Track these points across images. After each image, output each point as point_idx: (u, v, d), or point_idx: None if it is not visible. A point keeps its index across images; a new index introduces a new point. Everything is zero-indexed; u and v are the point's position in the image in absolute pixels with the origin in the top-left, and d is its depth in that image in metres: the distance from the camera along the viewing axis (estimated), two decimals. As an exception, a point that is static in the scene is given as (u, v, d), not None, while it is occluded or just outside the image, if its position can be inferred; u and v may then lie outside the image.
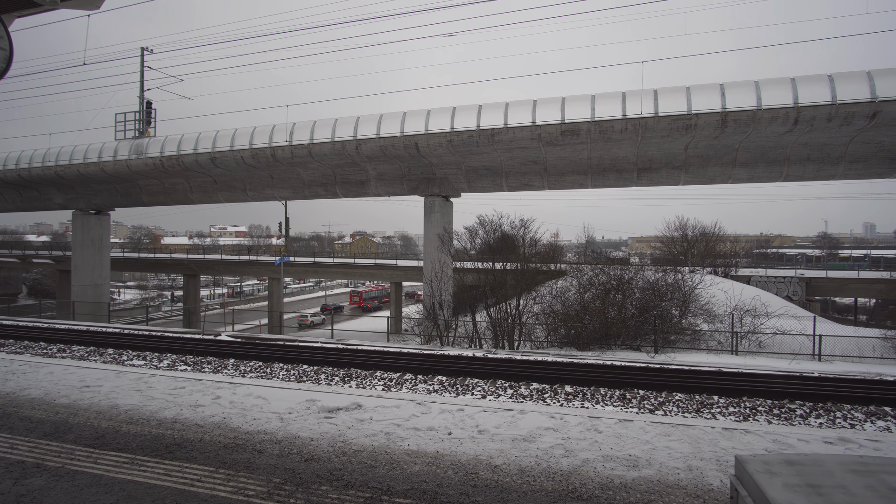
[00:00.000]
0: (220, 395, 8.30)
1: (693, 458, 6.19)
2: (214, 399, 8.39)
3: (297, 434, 6.88)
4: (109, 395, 8.66)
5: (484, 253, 23.53)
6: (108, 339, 18.86)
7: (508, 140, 27.73)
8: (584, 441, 6.76)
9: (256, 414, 7.68)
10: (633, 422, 7.54)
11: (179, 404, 8.08)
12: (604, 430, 7.20)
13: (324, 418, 7.54)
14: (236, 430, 7.08)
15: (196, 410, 7.72)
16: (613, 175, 29.76)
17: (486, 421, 7.65)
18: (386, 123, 29.08)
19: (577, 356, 16.14)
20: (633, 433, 7.06)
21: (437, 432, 7.08)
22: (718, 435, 6.93)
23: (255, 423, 7.34)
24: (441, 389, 12.57)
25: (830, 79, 23.77)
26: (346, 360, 15.51)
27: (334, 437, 6.81)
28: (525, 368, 14.20)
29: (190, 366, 15.36)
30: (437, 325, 20.25)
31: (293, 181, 34.10)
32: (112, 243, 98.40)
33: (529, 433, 7.06)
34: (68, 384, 9.29)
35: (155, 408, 7.86)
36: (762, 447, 6.44)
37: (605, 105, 26.75)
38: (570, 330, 19.54)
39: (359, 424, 7.39)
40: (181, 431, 6.97)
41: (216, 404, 8.05)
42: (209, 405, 8.01)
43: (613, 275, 20.90)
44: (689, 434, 6.91)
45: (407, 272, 51.56)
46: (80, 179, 37.50)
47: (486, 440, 6.80)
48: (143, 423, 7.29)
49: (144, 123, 36.31)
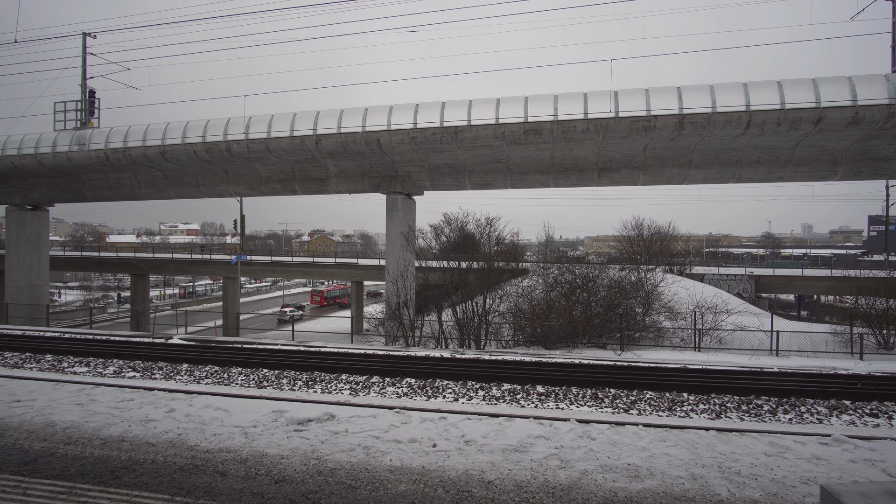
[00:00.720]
0: (174, 408, 7.41)
1: (694, 465, 5.93)
2: (168, 412, 7.48)
3: (265, 451, 6.15)
4: (44, 411, 7.63)
5: (449, 251, 23.09)
6: (47, 345, 17.34)
7: (472, 138, 27.37)
8: (578, 450, 6.38)
9: (217, 428, 6.85)
10: (625, 426, 7.17)
11: (128, 419, 7.13)
12: (597, 437, 6.82)
13: (294, 432, 6.83)
14: (194, 448, 6.28)
15: (147, 426, 6.82)
16: (575, 175, 29.89)
17: (471, 430, 7.12)
18: (347, 118, 28.18)
19: (546, 355, 15.94)
20: (627, 439, 6.71)
21: (420, 444, 6.51)
22: (714, 439, 6.69)
23: (216, 439, 6.54)
24: (411, 392, 12.04)
25: (779, 85, 24.54)
26: (308, 362, 14.74)
27: (307, 454, 6.13)
28: (495, 369, 13.85)
29: (139, 372, 14.22)
30: (401, 324, 19.67)
31: (249, 177, 32.67)
32: (52, 241, 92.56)
33: (520, 442, 6.59)
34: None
35: (98, 424, 6.88)
36: (761, 450, 6.23)
37: (568, 105, 26.76)
38: (536, 329, 19.36)
39: (333, 438, 6.70)
40: (129, 452, 6.11)
41: (170, 418, 7.15)
42: (162, 419, 7.12)
43: (579, 273, 20.89)
44: (684, 439, 6.63)
45: (368, 271, 50.54)
46: (15, 172, 34.76)
47: (474, 452, 6.29)
48: (84, 442, 6.35)
49: (87, 113, 33.93)
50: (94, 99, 34.66)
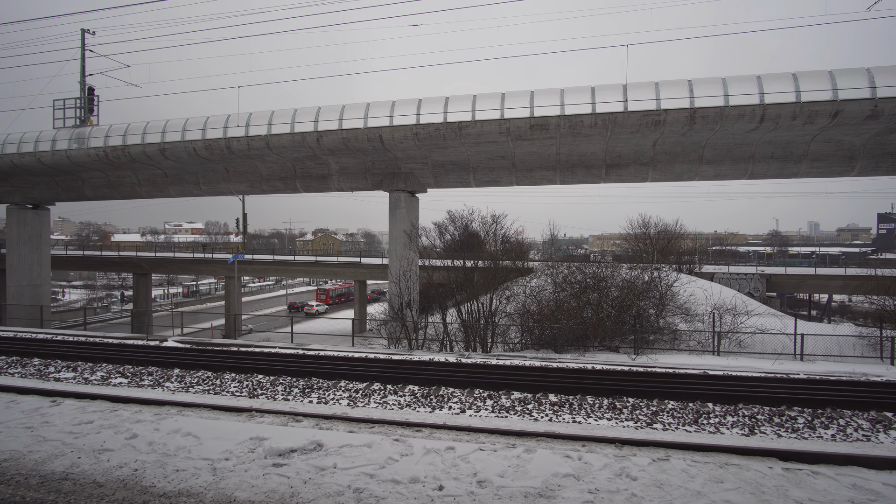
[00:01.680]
0: (136, 434, 6.22)
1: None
2: (129, 439, 6.33)
3: (234, 494, 5.04)
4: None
5: (453, 250, 22.11)
6: (35, 348, 16.44)
7: (476, 134, 26.41)
8: (618, 494, 5.04)
9: (181, 462, 5.68)
10: (669, 461, 5.84)
11: (79, 448, 5.96)
12: (639, 477, 5.40)
13: (272, 467, 5.67)
14: (149, 490, 5.14)
15: (99, 459, 5.64)
16: (582, 171, 28.89)
17: (485, 465, 5.83)
18: (349, 115, 27.25)
19: (556, 359, 14.94)
20: (675, 479, 5.29)
21: (423, 486, 5.31)
22: (782, 479, 5.26)
23: (178, 477, 5.40)
24: (414, 402, 11.06)
25: (795, 77, 23.43)
26: (306, 368, 13.79)
27: (284, 498, 5.02)
28: (503, 375, 12.86)
29: (127, 378, 13.30)
30: (404, 326, 18.71)
31: (250, 175, 31.79)
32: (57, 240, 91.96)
33: (545, 484, 5.27)
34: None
35: (43, 455, 5.73)
36: (845, 497, 5.07)
37: (575, 99, 25.78)
38: (544, 331, 18.38)
39: (318, 476, 5.53)
40: (70, 495, 4.94)
41: (129, 447, 6.00)
42: (120, 449, 5.96)
43: (590, 273, 19.86)
44: (745, 479, 5.36)
45: (371, 270, 49.52)
46: (15, 171, 33.98)
47: (490, 498, 5.13)
48: (18, 481, 5.20)
49: (86, 111, 33.17)
50: (93, 96, 33.91)
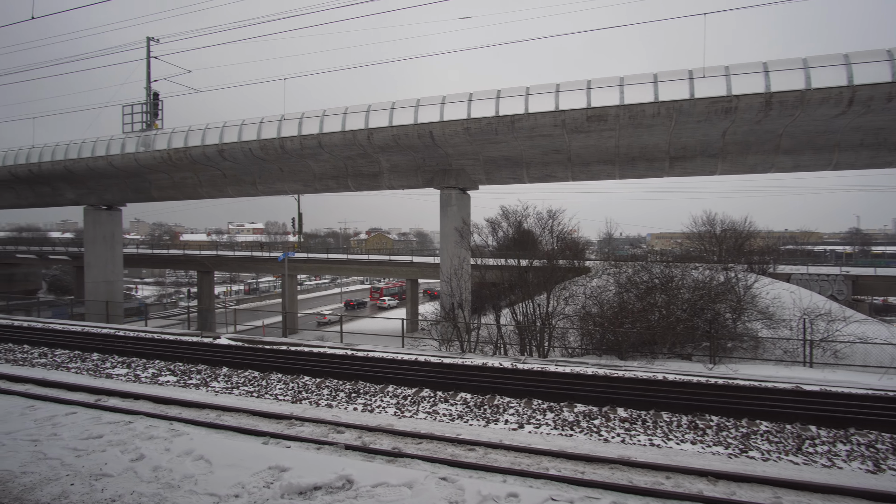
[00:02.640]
0: (144, 454, 5.33)
1: None
2: (134, 461, 5.45)
3: None
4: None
5: (507, 248, 20.87)
6: (98, 343, 16.57)
7: (530, 127, 25.04)
8: None
9: (184, 496, 4.75)
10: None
11: (77, 471, 5.13)
12: None
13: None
14: None
15: (93, 487, 4.77)
16: (644, 164, 26.90)
17: None
18: (399, 112, 26.55)
19: (622, 367, 13.46)
20: None
21: None
22: None
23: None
24: (466, 412, 9.99)
25: (890, 53, 20.67)
26: (354, 370, 13.00)
27: None
28: (564, 384, 11.56)
29: (176, 376, 12.97)
30: (456, 328, 17.68)
31: (304, 174, 31.74)
32: (133, 240, 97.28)
33: None
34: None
35: (36, 478, 4.92)
36: None
37: (636, 88, 23.93)
38: (605, 335, 16.85)
39: None
40: None
41: (131, 473, 5.11)
42: (119, 475, 5.07)
43: (657, 273, 18.10)
44: None
45: (423, 269, 48.87)
46: (90, 174, 35.56)
47: None
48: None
49: (152, 116, 34.20)
50: (157, 101, 34.89)
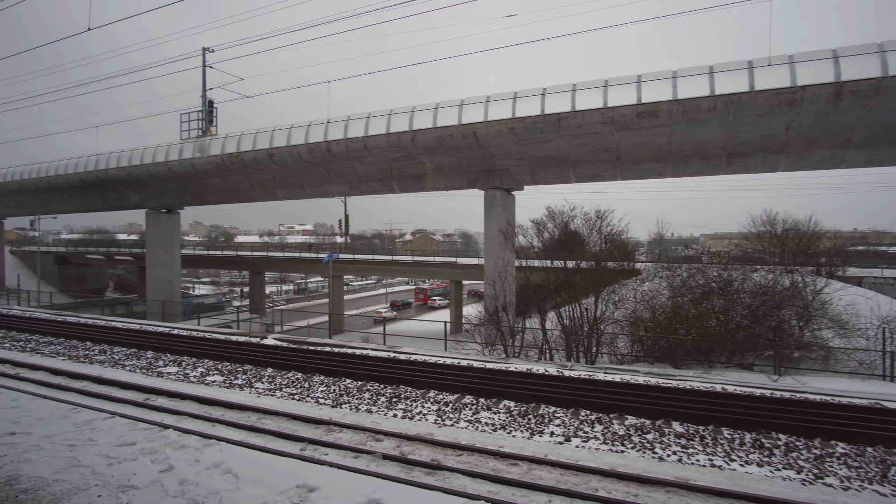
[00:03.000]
0: (173, 465, 5.33)
1: None
2: (162, 472, 5.37)
3: None
4: (24, 455, 5.81)
5: (553, 249, 20.19)
6: (152, 341, 17.14)
7: (577, 125, 24.23)
8: None
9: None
10: None
11: (106, 481, 5.07)
12: None
13: None
14: None
15: (119, 499, 4.69)
16: (698, 162, 25.56)
17: None
18: (443, 113, 26.33)
19: (676, 376, 12.63)
20: None
21: None
22: None
23: None
24: (509, 422, 9.55)
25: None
26: (396, 373, 12.79)
27: None
28: (614, 394, 10.91)
29: (223, 375, 13.18)
30: (500, 331, 17.20)
31: (349, 176, 32.07)
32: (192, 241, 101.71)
33: None
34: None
35: (65, 487, 4.88)
36: None
37: (690, 82, 22.75)
38: (656, 341, 15.93)
39: None
40: None
41: (157, 486, 5.00)
42: (146, 487, 4.98)
43: (714, 276, 16.97)
44: None
45: (467, 270, 48.55)
46: (151, 179, 37.27)
47: None
48: None
49: (207, 122, 35.50)
50: (212, 108, 36.15)
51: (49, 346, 16.48)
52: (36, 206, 47.36)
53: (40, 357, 14.63)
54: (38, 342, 17.23)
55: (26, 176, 42.06)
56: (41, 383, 11.18)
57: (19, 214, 51.83)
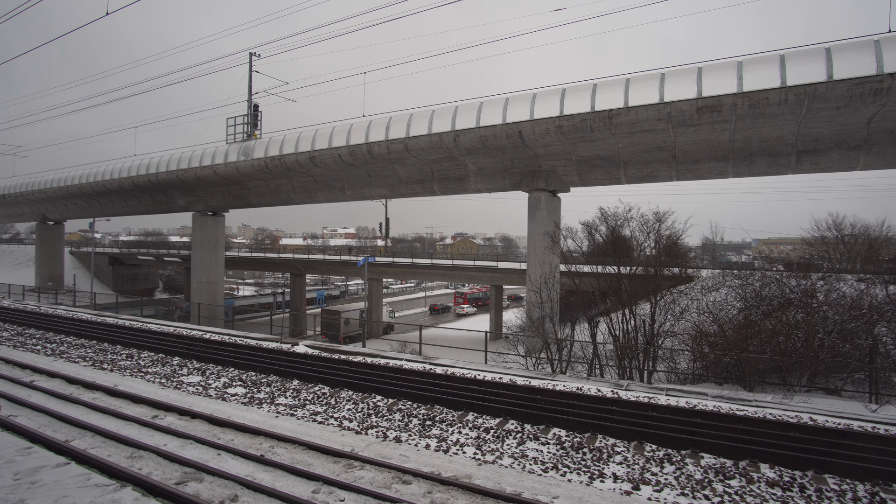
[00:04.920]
0: None
1: None
2: None
3: None
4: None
5: (604, 254, 18.47)
6: (180, 347, 16.49)
7: (629, 122, 22.38)
8: None
9: None
10: None
11: None
12: None
13: None
14: None
15: None
16: (763, 160, 23.19)
17: None
18: (486, 111, 24.97)
19: (751, 401, 10.78)
20: None
21: None
22: None
23: None
24: (561, 458, 8.03)
25: None
26: (431, 391, 11.46)
27: None
28: (682, 423, 9.21)
29: (246, 387, 12.20)
30: (546, 344, 15.63)
31: (390, 179, 31.17)
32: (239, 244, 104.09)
33: None
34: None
35: None
36: None
37: (758, 72, 20.60)
38: (722, 359, 13.99)
39: None
40: None
41: None
42: None
43: (792, 286, 14.83)
44: None
45: (508, 275, 46.76)
46: (198, 182, 37.59)
47: None
48: None
49: (252, 126, 35.46)
50: (257, 112, 36.11)
51: (79, 350, 16.06)
52: (93, 209, 48.96)
53: (63, 362, 14.11)
54: (70, 345, 16.88)
55: (84, 180, 43.41)
56: (52, 394, 10.47)
57: (78, 217, 53.80)
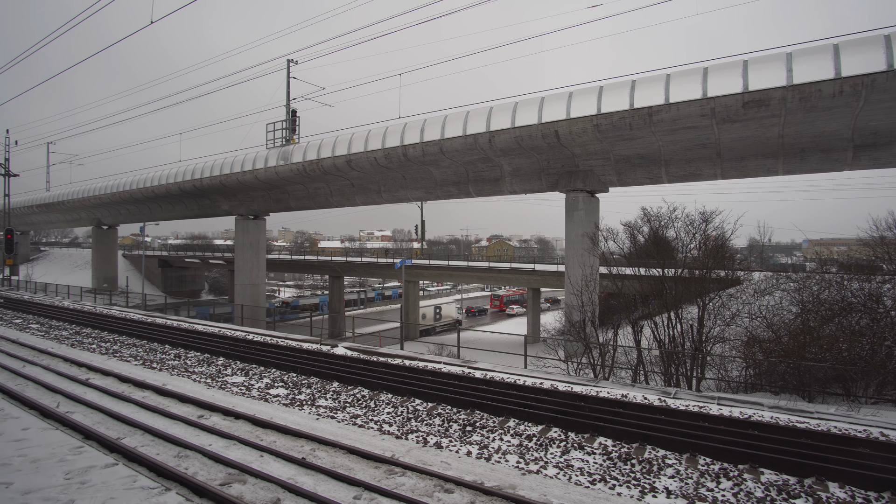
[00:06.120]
0: None
1: None
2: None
3: None
4: None
5: (647, 255, 17.81)
6: (225, 347, 16.81)
7: (671, 119, 21.61)
8: None
9: None
10: None
11: None
12: None
13: None
14: None
15: None
16: (816, 156, 21.98)
17: None
18: (521, 111, 24.58)
19: (812, 413, 10.06)
20: None
21: None
22: None
23: None
24: (608, 469, 7.65)
25: None
26: (470, 395, 11.22)
27: None
28: (737, 435, 8.64)
29: (288, 388, 12.27)
30: (587, 349, 15.13)
31: (425, 181, 31.12)
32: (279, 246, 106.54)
33: None
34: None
35: None
36: None
37: (809, 63, 19.55)
38: (776, 366, 13.18)
39: None
40: None
41: None
42: None
43: (855, 289, 13.87)
44: None
45: (545, 277, 45.98)
46: (240, 187, 38.52)
47: None
48: None
49: (290, 131, 36.09)
50: (295, 118, 36.74)
51: (130, 349, 16.60)
52: (143, 214, 50.98)
53: (116, 361, 14.57)
54: (123, 344, 17.48)
55: (133, 186, 45.21)
56: (105, 391, 10.78)
57: (129, 221, 56.17)
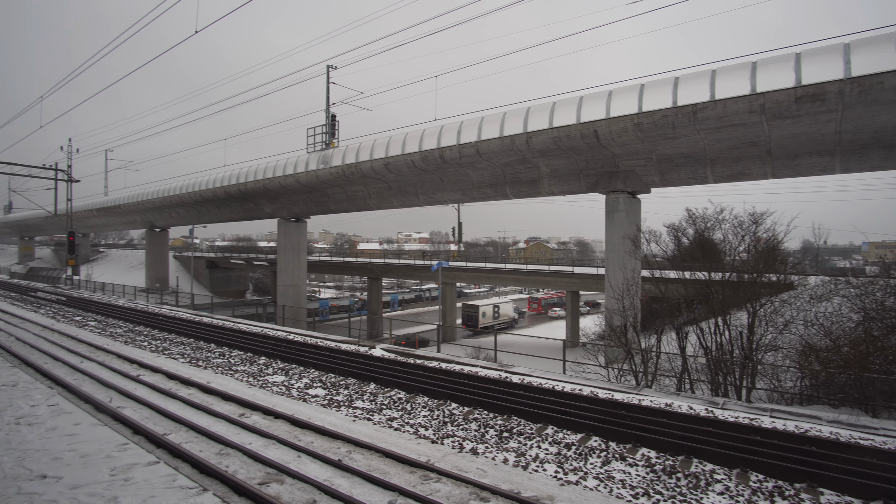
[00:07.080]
0: None
1: None
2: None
3: None
4: None
5: (693, 259, 17.10)
6: (266, 347, 17.19)
7: (717, 117, 20.72)
8: None
9: None
10: None
11: None
12: None
13: None
14: None
15: None
16: (878, 153, 20.65)
17: None
18: (559, 111, 24.12)
19: (877, 429, 9.35)
20: None
21: None
22: None
23: None
24: (652, 483, 7.30)
25: None
26: (507, 400, 11.00)
27: None
28: (792, 450, 8.10)
29: (326, 389, 12.38)
30: (629, 355, 14.61)
31: (462, 183, 31.03)
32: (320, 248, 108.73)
33: None
34: (34, 460, 5.97)
35: None
36: None
37: (869, 54, 18.38)
38: (835, 377, 12.34)
39: None
40: None
41: None
42: None
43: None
44: None
45: (585, 281, 44.99)
46: (282, 190, 39.49)
47: None
48: None
49: (329, 136, 36.70)
50: (334, 122, 37.34)
51: (178, 347, 17.22)
52: (191, 217, 53.05)
53: (165, 358, 15.13)
54: (171, 342, 18.16)
55: (182, 191, 47.09)
56: (154, 388, 11.19)
57: (179, 224, 58.61)
